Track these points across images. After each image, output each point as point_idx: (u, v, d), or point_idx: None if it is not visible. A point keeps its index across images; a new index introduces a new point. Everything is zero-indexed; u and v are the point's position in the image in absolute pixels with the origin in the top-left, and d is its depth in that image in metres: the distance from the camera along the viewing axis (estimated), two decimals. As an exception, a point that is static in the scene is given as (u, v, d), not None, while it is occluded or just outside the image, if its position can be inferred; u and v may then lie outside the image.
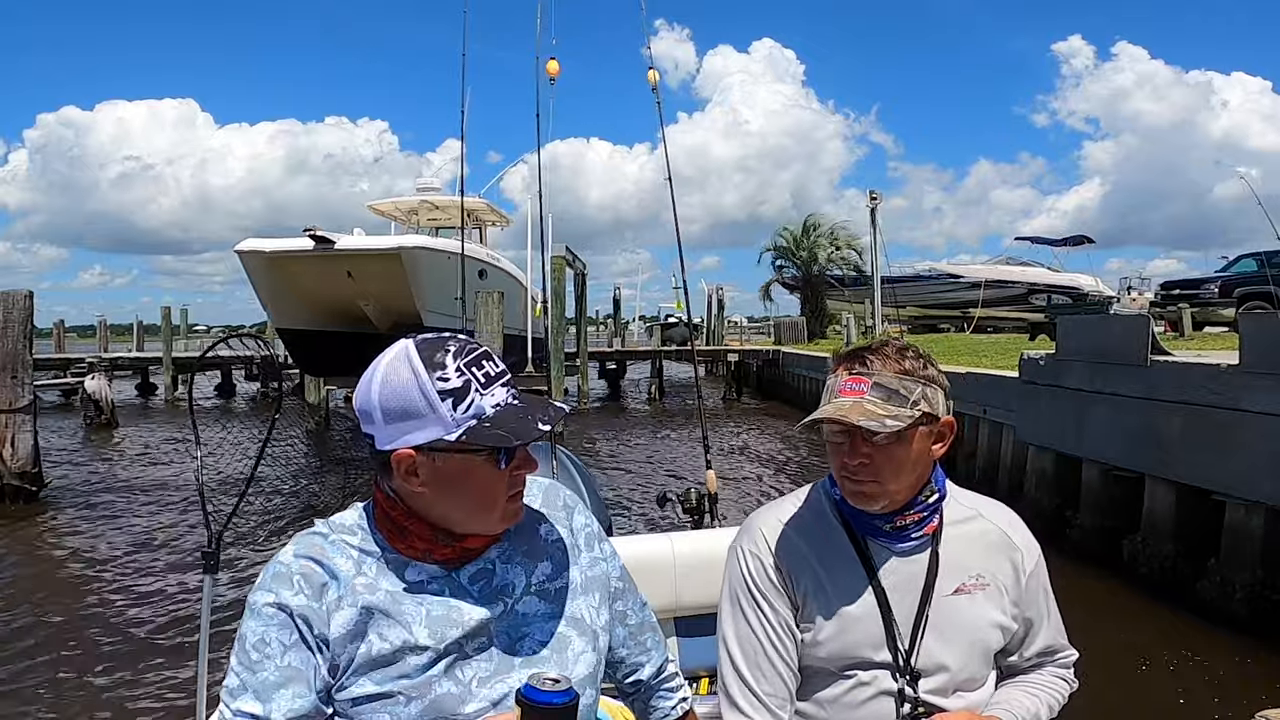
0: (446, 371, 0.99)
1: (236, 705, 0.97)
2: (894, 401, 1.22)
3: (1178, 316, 14.19)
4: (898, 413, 1.21)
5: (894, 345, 1.28)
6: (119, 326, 46.18)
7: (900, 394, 1.22)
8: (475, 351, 1.02)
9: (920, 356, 1.27)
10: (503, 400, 1.02)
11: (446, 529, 1.04)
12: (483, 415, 0.99)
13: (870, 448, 1.22)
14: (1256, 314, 7.99)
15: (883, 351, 1.26)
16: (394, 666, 1.00)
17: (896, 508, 1.27)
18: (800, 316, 26.81)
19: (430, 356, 1.00)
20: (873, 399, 1.22)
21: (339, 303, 12.87)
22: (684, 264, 5.12)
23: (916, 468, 1.25)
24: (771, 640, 1.28)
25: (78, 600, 5.95)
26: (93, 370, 18.43)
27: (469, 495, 1.02)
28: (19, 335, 8.82)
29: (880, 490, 1.24)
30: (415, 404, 0.98)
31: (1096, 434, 6.23)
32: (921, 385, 1.24)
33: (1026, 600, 1.34)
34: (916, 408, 1.22)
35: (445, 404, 0.98)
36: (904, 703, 1.25)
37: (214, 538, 2.11)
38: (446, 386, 0.99)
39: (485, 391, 1.00)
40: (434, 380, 0.98)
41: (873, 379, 1.23)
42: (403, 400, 0.99)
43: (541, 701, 0.90)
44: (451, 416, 0.98)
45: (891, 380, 1.23)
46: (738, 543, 1.36)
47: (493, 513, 1.04)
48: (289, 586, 1.00)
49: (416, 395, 0.98)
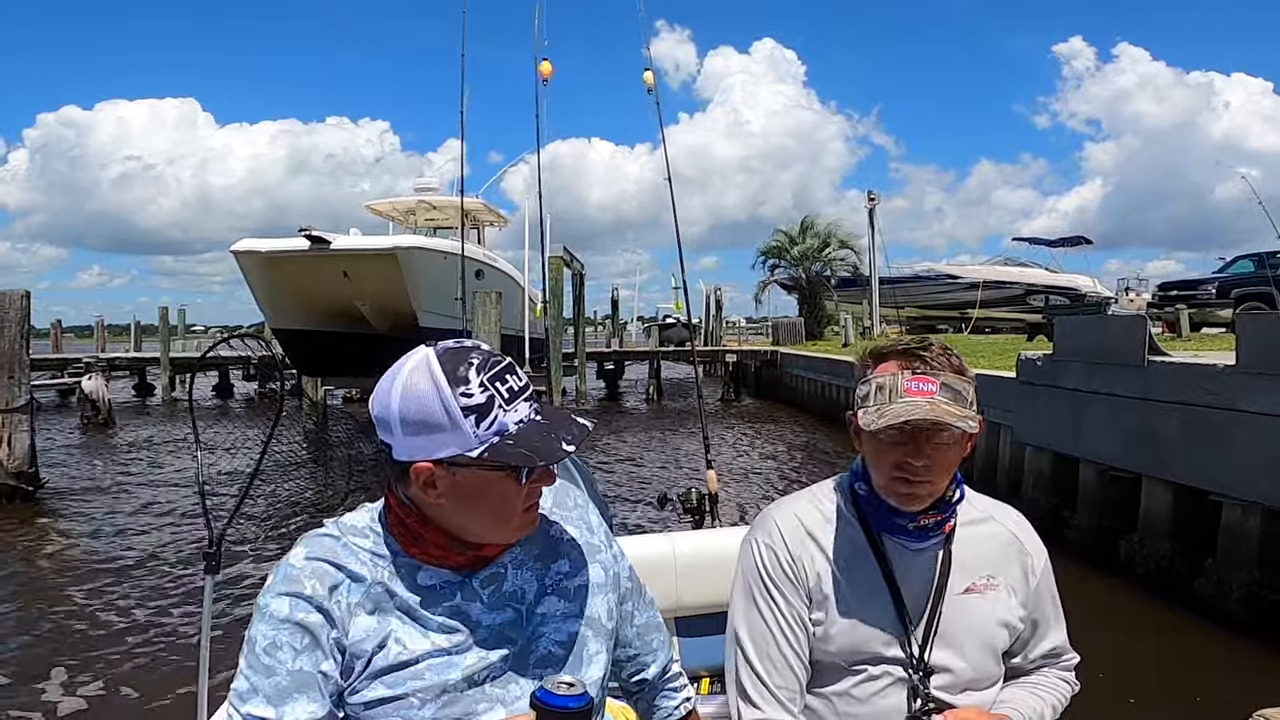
0: (470, 386, 0.96)
1: (247, 709, 0.95)
2: (959, 402, 1.22)
3: (1175, 317, 14.17)
4: (968, 413, 1.21)
5: (938, 345, 1.28)
6: (116, 326, 46.05)
7: (963, 395, 1.23)
8: (499, 365, 1.00)
9: (959, 356, 1.28)
10: (526, 416, 0.99)
11: (461, 538, 1.03)
12: (506, 432, 0.97)
13: (933, 448, 1.21)
14: (1254, 315, 7.99)
15: (933, 351, 1.26)
16: (407, 670, 0.99)
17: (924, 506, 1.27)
18: (798, 317, 26.81)
19: (453, 370, 0.97)
20: (944, 399, 1.21)
21: (335, 303, 12.86)
22: (684, 265, 5.13)
23: (956, 468, 1.27)
24: (784, 633, 1.28)
25: (76, 601, 5.93)
26: (90, 370, 18.41)
27: (487, 508, 1.01)
28: (16, 335, 8.79)
29: (934, 490, 1.24)
30: (437, 417, 0.96)
31: (1094, 434, 6.25)
32: (971, 386, 1.25)
33: (1034, 602, 1.35)
34: (973, 406, 1.23)
35: (468, 420, 0.96)
36: (915, 698, 1.25)
37: (215, 538, 2.11)
38: (470, 402, 0.96)
39: (509, 407, 0.98)
40: (457, 395, 0.96)
41: (939, 379, 1.22)
42: (423, 413, 0.96)
43: (557, 705, 0.89)
44: (474, 433, 0.96)
45: (955, 380, 1.23)
46: (752, 535, 1.36)
47: (509, 524, 1.03)
48: (301, 589, 0.98)
49: (438, 409, 0.96)
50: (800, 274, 28.26)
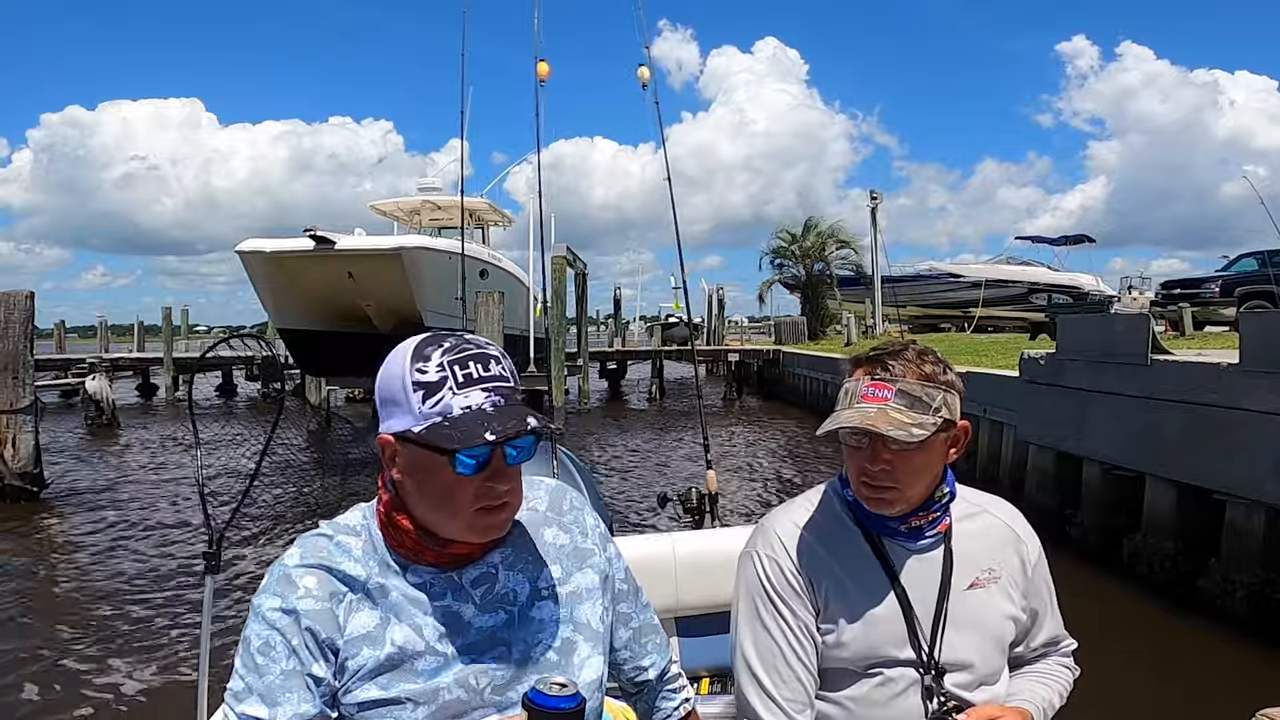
0: (428, 364, 0.99)
1: (241, 709, 0.96)
2: (917, 409, 1.21)
3: (1178, 316, 14.16)
4: (921, 420, 1.20)
5: (915, 349, 1.26)
6: (120, 327, 46.20)
7: (923, 401, 1.21)
8: (468, 352, 1.00)
9: (940, 361, 1.26)
10: (476, 404, 0.98)
11: (426, 529, 1.02)
12: (449, 414, 0.97)
13: (891, 454, 1.21)
14: (1257, 313, 7.97)
15: (904, 356, 1.24)
16: (400, 671, 0.99)
17: (911, 509, 1.27)
18: (800, 316, 26.81)
19: (421, 349, 1.00)
20: (897, 406, 1.21)
21: (340, 303, 12.86)
22: (684, 264, 5.14)
23: (932, 472, 1.25)
24: (791, 645, 1.27)
25: (78, 601, 5.95)
26: (93, 371, 18.44)
27: (431, 495, 1.00)
28: (20, 336, 8.82)
29: (899, 496, 1.24)
30: (395, 392, 1.00)
31: (1097, 433, 6.24)
32: (942, 391, 1.23)
33: (1032, 591, 1.36)
34: (939, 414, 1.21)
35: (416, 395, 0.98)
36: (931, 698, 1.25)
37: (215, 538, 2.12)
38: (422, 379, 0.98)
39: (459, 392, 0.98)
40: (413, 371, 0.99)
41: (896, 385, 1.22)
42: (389, 388, 1.00)
43: (549, 706, 0.89)
44: (420, 409, 0.98)
45: (915, 387, 1.22)
46: (752, 547, 1.35)
47: (456, 520, 1.00)
48: (294, 589, 0.99)
49: (398, 384, 0.99)
50: (802, 273, 28.27)
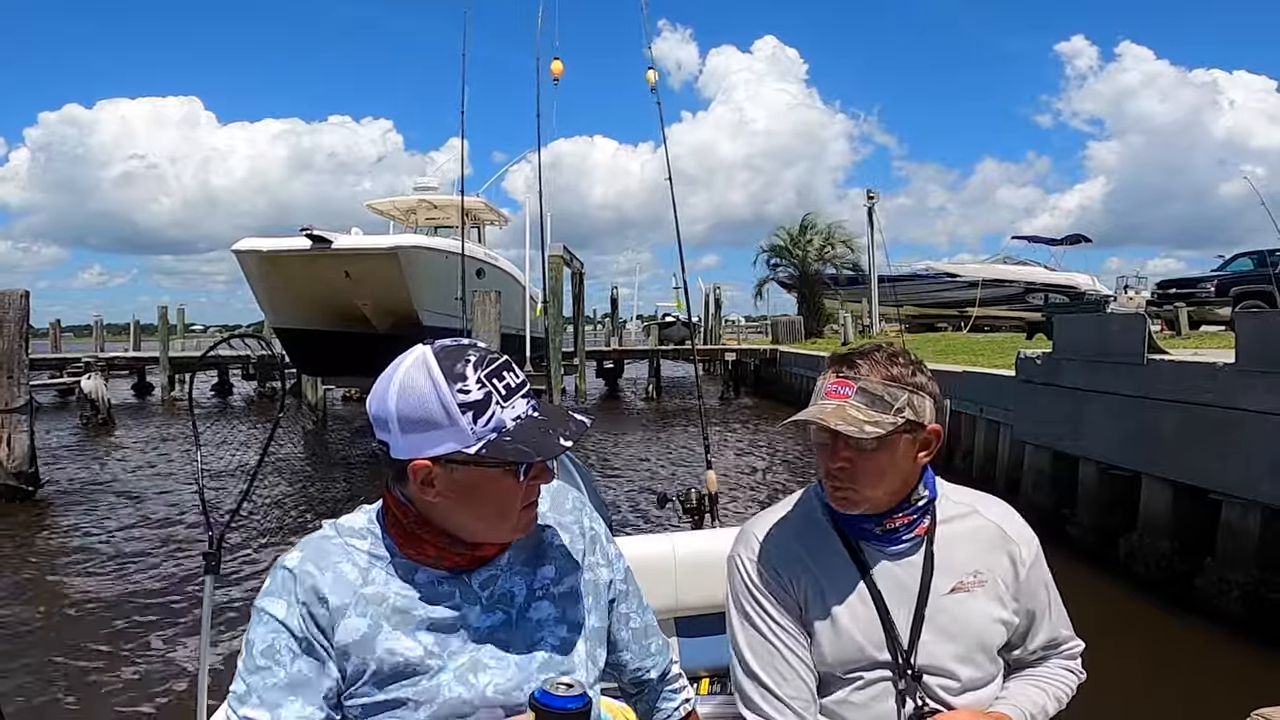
0: (467, 383, 0.96)
1: (244, 712, 0.95)
2: (877, 408, 1.21)
3: (1174, 315, 14.20)
4: (879, 419, 1.20)
5: (886, 350, 1.27)
6: (115, 326, 45.94)
7: (884, 400, 1.21)
8: (496, 362, 1.00)
9: (911, 363, 1.26)
10: (523, 413, 0.99)
11: (459, 537, 1.03)
12: (503, 429, 0.97)
13: (851, 452, 1.22)
14: (1253, 313, 7.99)
15: (873, 356, 1.25)
16: (404, 673, 0.99)
17: (881, 511, 1.26)
18: (797, 315, 26.84)
19: (451, 366, 0.97)
20: (856, 404, 1.21)
21: (336, 302, 12.85)
22: (684, 264, 5.14)
23: (899, 475, 1.25)
24: (785, 643, 1.28)
25: (76, 601, 5.94)
26: (89, 370, 18.38)
27: (485, 506, 1.00)
28: (15, 335, 8.79)
29: (859, 496, 1.24)
30: (434, 415, 0.96)
31: (1093, 432, 6.25)
32: (908, 392, 1.23)
33: (1026, 593, 1.33)
34: (900, 415, 1.21)
35: (465, 416, 0.96)
36: (906, 702, 1.25)
37: (215, 538, 2.11)
38: (467, 399, 0.96)
39: (506, 404, 0.98)
40: (454, 391, 0.96)
41: (858, 384, 1.22)
42: (421, 410, 0.96)
43: (556, 706, 0.89)
44: (472, 429, 0.96)
45: (877, 386, 1.22)
46: (735, 552, 1.36)
47: (508, 522, 1.03)
48: (297, 593, 0.98)
49: (435, 406, 0.96)
50: (799, 272, 28.29)
